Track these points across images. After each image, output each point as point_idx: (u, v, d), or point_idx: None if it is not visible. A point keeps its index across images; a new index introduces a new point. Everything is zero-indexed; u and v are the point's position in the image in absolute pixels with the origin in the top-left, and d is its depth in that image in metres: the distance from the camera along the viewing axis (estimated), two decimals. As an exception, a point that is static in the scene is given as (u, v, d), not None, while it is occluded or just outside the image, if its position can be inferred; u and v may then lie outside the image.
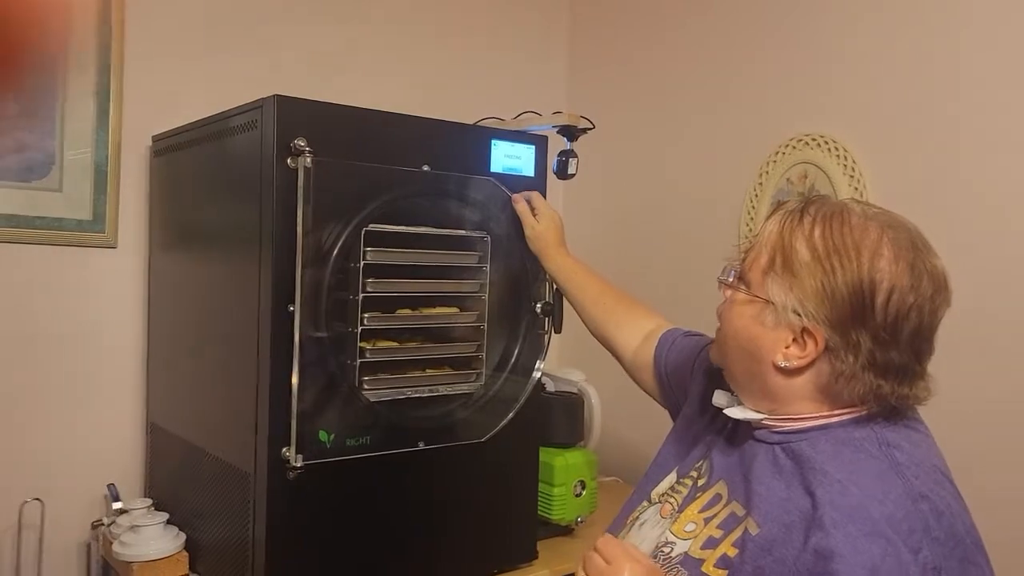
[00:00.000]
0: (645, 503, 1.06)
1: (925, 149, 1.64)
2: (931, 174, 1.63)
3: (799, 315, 0.85)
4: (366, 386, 1.39)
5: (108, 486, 1.72)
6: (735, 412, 0.95)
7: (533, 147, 1.56)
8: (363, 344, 1.40)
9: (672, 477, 1.06)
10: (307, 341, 1.31)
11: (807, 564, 0.77)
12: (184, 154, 1.66)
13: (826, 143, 1.81)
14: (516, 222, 1.53)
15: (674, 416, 1.21)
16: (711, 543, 0.89)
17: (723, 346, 0.96)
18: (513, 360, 1.58)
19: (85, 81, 1.73)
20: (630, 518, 1.05)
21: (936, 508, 0.79)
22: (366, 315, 1.39)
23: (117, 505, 1.68)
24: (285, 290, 1.30)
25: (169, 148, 1.72)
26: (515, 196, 1.52)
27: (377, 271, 1.39)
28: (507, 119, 1.61)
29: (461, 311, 1.54)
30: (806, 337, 0.86)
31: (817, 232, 0.86)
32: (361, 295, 1.37)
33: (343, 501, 1.38)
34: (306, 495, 1.33)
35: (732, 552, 0.86)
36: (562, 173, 1.55)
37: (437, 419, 1.48)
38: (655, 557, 0.93)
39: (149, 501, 1.67)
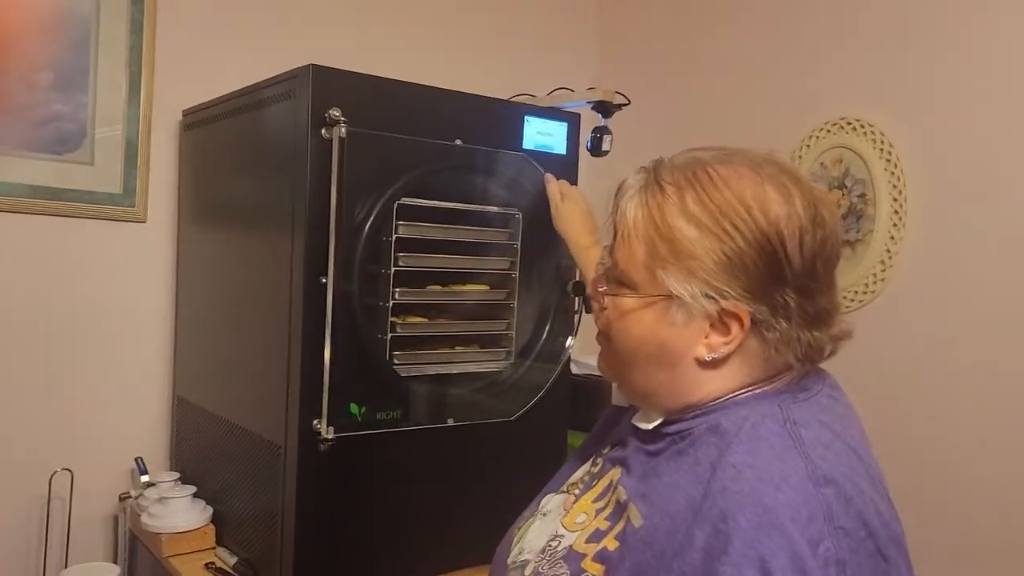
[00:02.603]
0: (553, 493, 0.94)
1: (967, 135, 1.61)
2: (973, 161, 1.60)
3: (713, 298, 0.73)
4: (396, 361, 1.39)
5: (136, 459, 1.73)
6: (641, 422, 0.83)
7: (566, 124, 1.54)
8: (394, 319, 1.39)
9: (587, 466, 0.94)
10: (339, 314, 1.30)
11: (693, 562, 0.67)
12: (215, 127, 1.66)
13: (862, 127, 1.78)
14: (547, 200, 1.51)
15: None
16: (596, 536, 0.78)
17: (624, 362, 0.82)
18: (543, 340, 1.57)
19: (117, 54, 1.73)
20: (538, 509, 0.93)
21: (844, 493, 0.69)
22: (397, 290, 1.38)
23: (144, 478, 1.69)
24: (317, 262, 1.29)
25: (200, 122, 1.72)
26: (547, 175, 1.49)
27: (408, 245, 1.38)
28: (539, 96, 1.59)
29: (491, 289, 1.53)
30: (726, 319, 0.74)
31: (690, 199, 0.74)
32: (393, 269, 1.37)
33: (372, 474, 1.38)
34: (336, 468, 1.33)
35: (612, 545, 0.75)
36: (596, 150, 1.53)
37: (466, 396, 1.47)
38: (543, 552, 0.83)
39: (176, 474, 1.68)
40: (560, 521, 0.84)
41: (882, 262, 1.74)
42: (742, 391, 0.77)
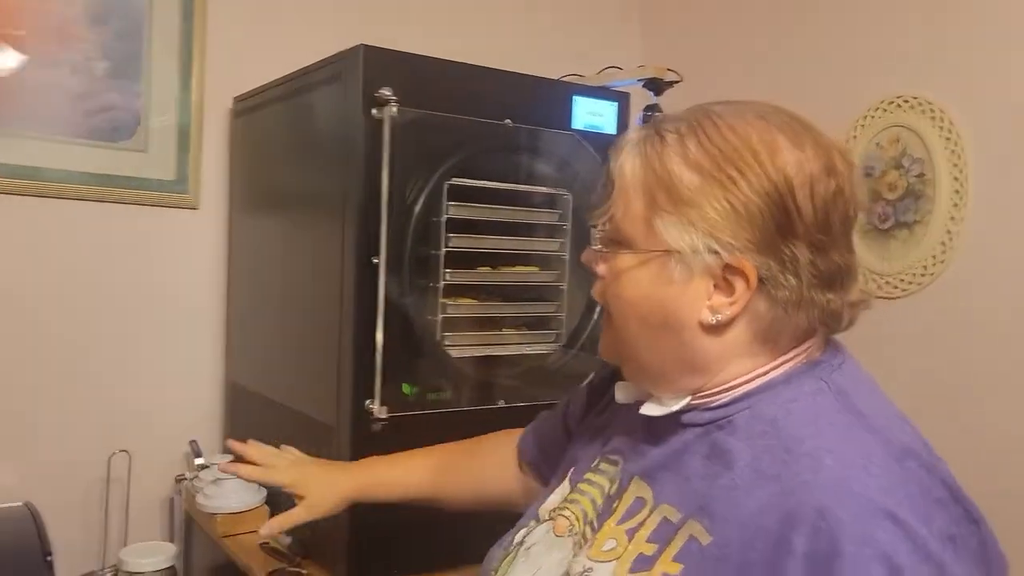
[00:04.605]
0: (532, 522, 0.84)
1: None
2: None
3: (716, 252, 0.66)
4: (447, 342, 1.39)
5: (190, 442, 1.75)
6: (652, 409, 0.74)
7: (616, 103, 1.52)
8: (444, 300, 1.39)
9: (563, 489, 0.84)
10: (390, 295, 1.30)
11: (796, 570, 0.58)
12: (265, 113, 1.67)
13: (921, 105, 1.73)
14: (596, 179, 1.49)
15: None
16: (644, 562, 0.68)
17: (622, 332, 0.74)
18: (590, 328, 1.55)
19: (169, 43, 1.75)
20: (515, 543, 0.83)
21: (924, 463, 0.63)
22: (447, 271, 1.38)
23: (199, 460, 1.71)
24: (369, 244, 1.30)
25: (250, 108, 1.74)
26: (224, 465, 1.14)
27: (458, 226, 1.38)
28: (587, 76, 1.57)
29: (540, 270, 1.52)
30: (730, 277, 0.67)
31: (692, 146, 0.67)
32: (443, 250, 1.36)
33: (424, 456, 1.38)
34: (388, 448, 1.32)
35: (674, 569, 0.65)
36: (646, 130, 1.50)
37: (517, 378, 1.46)
38: None
39: (229, 456, 1.70)
40: (586, 555, 0.73)
41: (942, 243, 1.69)
42: (772, 368, 0.70)
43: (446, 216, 1.36)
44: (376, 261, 1.29)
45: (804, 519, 0.59)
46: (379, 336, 1.29)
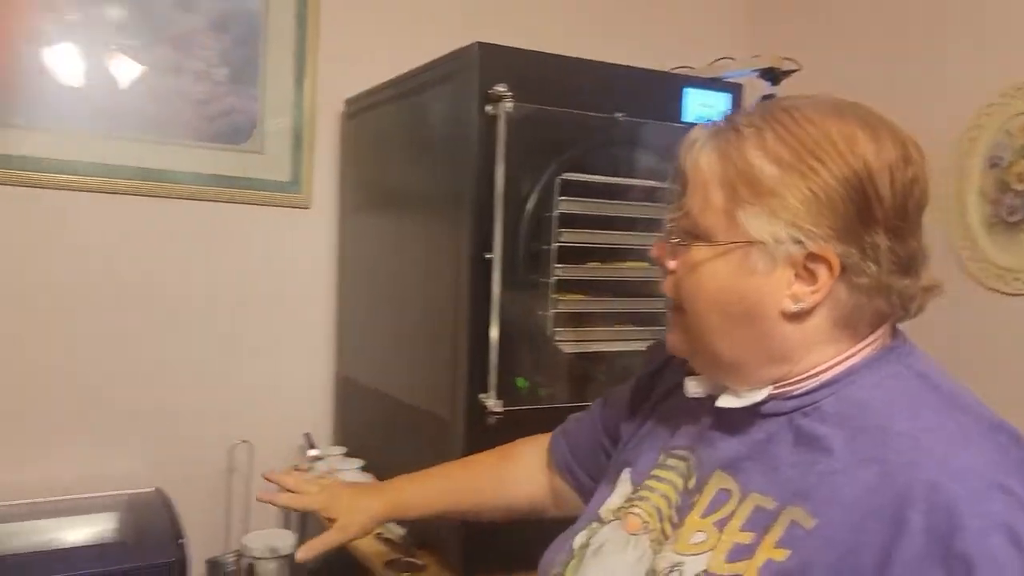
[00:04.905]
0: (595, 524, 0.83)
1: None
2: None
3: (799, 241, 0.67)
4: (558, 337, 1.39)
5: (304, 435, 1.81)
6: (730, 401, 0.74)
7: (729, 95, 1.49)
8: (555, 295, 1.39)
9: (624, 489, 0.84)
10: (503, 289, 1.31)
11: (917, 546, 0.59)
12: (377, 113, 1.71)
13: (1055, 88, 1.63)
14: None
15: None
16: (742, 551, 0.68)
17: (700, 328, 0.74)
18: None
19: (284, 48, 1.82)
20: (576, 546, 0.83)
21: (1013, 436, 0.65)
22: (559, 266, 1.38)
23: (312, 452, 1.77)
24: (483, 239, 1.31)
25: (361, 110, 1.78)
26: (261, 494, 1.12)
27: (570, 221, 1.38)
28: (697, 67, 1.55)
29: (650, 266, 1.50)
30: (812, 265, 0.68)
31: (770, 138, 0.68)
32: (555, 245, 1.36)
33: (536, 451, 1.38)
34: (501, 442, 1.34)
35: (780, 555, 0.66)
36: (762, 121, 1.47)
37: (627, 374, 1.44)
38: None
39: (343, 448, 1.75)
40: (671, 549, 0.74)
41: (1080, 235, 1.59)
42: (854, 354, 0.71)
43: (558, 211, 1.36)
44: (490, 257, 1.30)
45: (917, 496, 0.60)
46: (493, 331, 1.30)
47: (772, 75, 1.42)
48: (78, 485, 1.62)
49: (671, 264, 0.76)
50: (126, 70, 1.68)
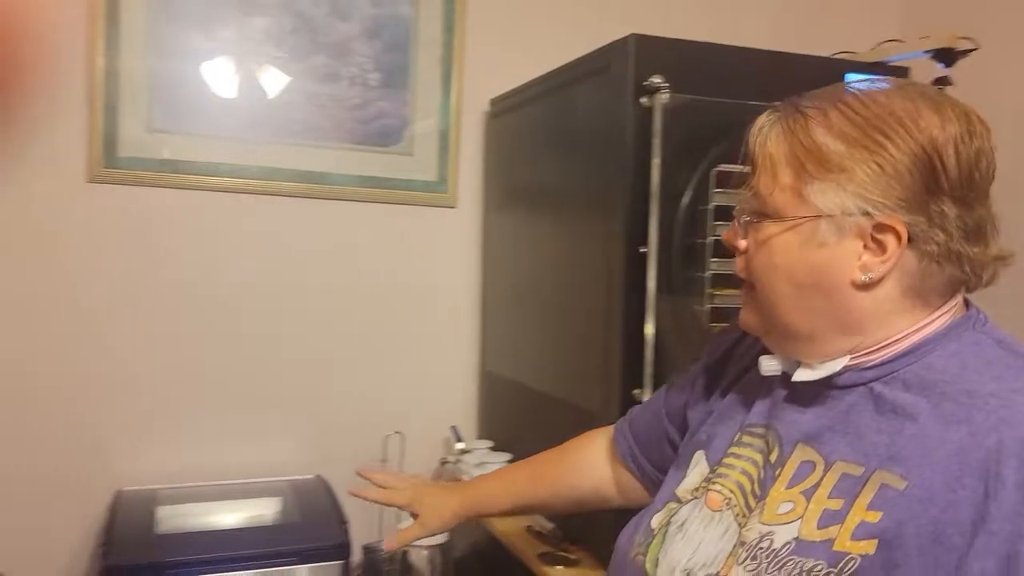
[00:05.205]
0: (672, 504, 0.85)
1: None
2: None
3: (867, 213, 0.69)
4: (715, 332, 1.36)
5: (451, 427, 1.86)
6: (806, 375, 0.75)
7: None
8: (710, 290, 1.36)
9: (701, 469, 0.86)
10: (657, 283, 1.30)
11: (1014, 500, 0.61)
12: (522, 112, 1.73)
13: None
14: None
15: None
16: (833, 517, 0.70)
17: (773, 302, 0.76)
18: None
19: (432, 53, 1.87)
20: (656, 526, 0.83)
21: None
22: (714, 260, 1.35)
23: (459, 445, 1.81)
24: (637, 233, 1.30)
25: (506, 109, 1.81)
26: (352, 489, 1.18)
27: (725, 214, 1.34)
28: (859, 52, 1.48)
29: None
30: (880, 235, 0.70)
31: (835, 117, 0.71)
32: (709, 238, 1.34)
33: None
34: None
35: (874, 517, 0.67)
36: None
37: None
38: (753, 559, 0.73)
39: (490, 442, 1.78)
40: (759, 520, 0.75)
41: None
42: (930, 322, 0.72)
43: (713, 204, 1.33)
44: (644, 251, 1.29)
45: (1011, 452, 0.63)
46: (649, 326, 1.29)
47: (947, 56, 1.33)
48: (244, 470, 1.72)
49: (742, 244, 0.79)
50: (279, 79, 1.77)
